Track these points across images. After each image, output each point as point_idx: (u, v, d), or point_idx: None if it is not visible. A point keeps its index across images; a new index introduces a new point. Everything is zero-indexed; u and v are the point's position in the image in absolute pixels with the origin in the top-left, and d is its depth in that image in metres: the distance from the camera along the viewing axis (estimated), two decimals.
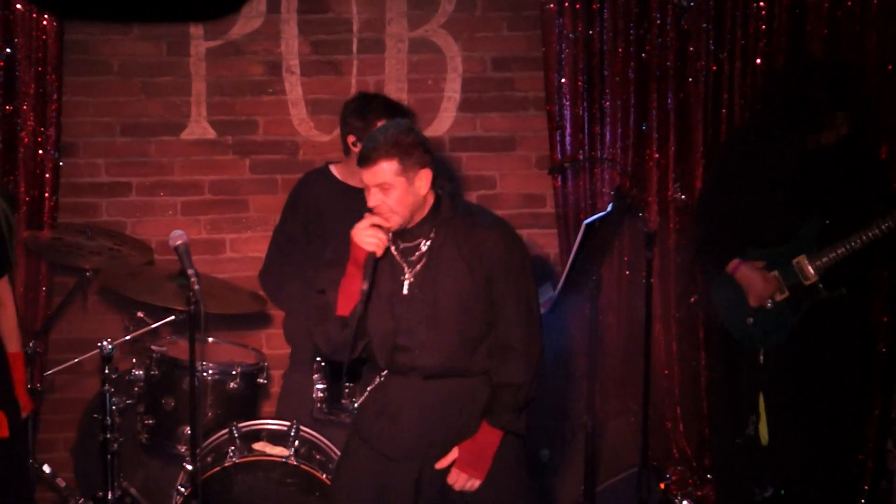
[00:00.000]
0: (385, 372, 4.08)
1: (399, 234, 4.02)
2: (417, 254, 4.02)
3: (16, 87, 5.63)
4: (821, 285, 5.11)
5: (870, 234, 5.01)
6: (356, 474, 4.10)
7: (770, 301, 5.20)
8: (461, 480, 4.01)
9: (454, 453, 4.02)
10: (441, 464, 4.03)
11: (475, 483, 4.01)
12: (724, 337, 5.39)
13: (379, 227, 3.94)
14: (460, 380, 4.03)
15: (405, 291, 4.01)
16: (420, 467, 4.04)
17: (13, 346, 4.62)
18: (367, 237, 3.93)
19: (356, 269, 3.96)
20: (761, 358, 5.22)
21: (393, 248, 4.03)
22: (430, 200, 4.02)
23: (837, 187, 5.13)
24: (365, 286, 3.92)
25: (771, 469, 5.23)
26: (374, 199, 3.94)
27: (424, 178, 3.95)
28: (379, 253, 3.94)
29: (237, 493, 4.73)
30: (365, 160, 3.93)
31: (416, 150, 3.93)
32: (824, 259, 5.09)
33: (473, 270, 3.98)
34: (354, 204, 5.15)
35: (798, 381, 5.18)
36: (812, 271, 5.11)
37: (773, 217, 5.19)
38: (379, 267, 3.99)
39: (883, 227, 4.98)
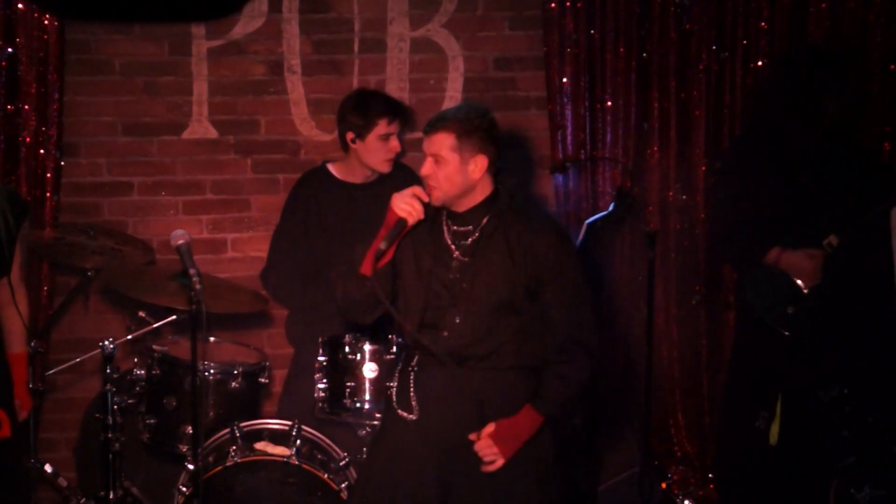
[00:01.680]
0: (416, 360, 4.11)
1: (452, 217, 4.05)
2: (471, 239, 4.04)
3: (17, 86, 5.63)
4: None
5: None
6: (391, 457, 4.12)
7: (806, 287, 5.15)
8: (489, 453, 3.99)
9: (490, 427, 4.00)
10: (474, 435, 4.01)
11: (500, 461, 3.99)
12: (755, 331, 5.28)
13: (419, 198, 3.96)
14: (489, 373, 4.02)
15: (449, 274, 4.04)
16: (444, 458, 4.05)
17: (17, 346, 4.62)
18: (403, 203, 3.96)
19: (381, 232, 4.00)
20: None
21: (446, 230, 4.06)
22: (487, 189, 4.04)
23: (853, 170, 5.09)
24: (383, 246, 3.95)
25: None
26: (426, 167, 4.00)
27: (479, 164, 3.98)
28: (410, 221, 3.97)
29: (239, 493, 4.73)
30: (427, 127, 4.01)
31: (477, 132, 3.97)
32: None
33: (518, 268, 4.00)
34: (353, 201, 5.19)
35: (842, 365, 5.12)
36: None
37: (793, 202, 5.14)
38: (422, 241, 4.04)
39: None
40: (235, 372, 5.00)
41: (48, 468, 5.25)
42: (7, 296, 4.56)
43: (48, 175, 5.68)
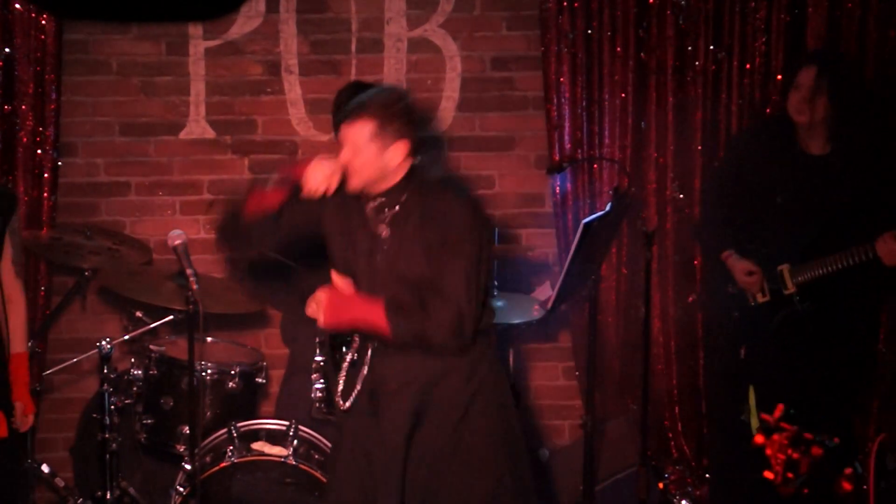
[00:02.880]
0: (355, 344, 4.02)
1: (371, 196, 3.96)
2: (390, 215, 3.93)
3: (14, 86, 5.63)
4: (797, 298, 5.14)
5: (850, 259, 5.03)
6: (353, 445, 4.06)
7: (753, 300, 5.23)
8: (313, 307, 3.94)
9: (338, 284, 3.95)
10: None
11: (319, 318, 3.93)
12: (721, 324, 5.48)
13: (328, 182, 3.88)
14: (410, 352, 3.93)
15: (366, 249, 3.94)
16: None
17: (17, 345, 4.56)
18: (318, 175, 3.88)
19: (283, 185, 3.92)
20: (742, 352, 5.30)
21: (368, 207, 3.96)
22: (405, 169, 3.94)
23: (832, 199, 5.13)
24: (266, 186, 3.90)
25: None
26: (344, 155, 3.89)
27: (399, 150, 3.89)
28: (304, 192, 3.89)
29: (236, 493, 4.73)
30: (345, 115, 3.90)
31: (398, 119, 3.87)
32: (804, 274, 5.13)
33: (431, 241, 3.88)
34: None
35: (777, 382, 5.22)
36: (791, 283, 5.16)
37: (768, 217, 5.22)
38: (344, 215, 3.97)
39: (863, 256, 5.00)
40: (232, 372, 5.01)
41: (45, 468, 5.26)
42: (4, 294, 4.52)
43: (45, 175, 5.68)
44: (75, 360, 5.29)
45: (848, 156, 5.12)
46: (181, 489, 4.76)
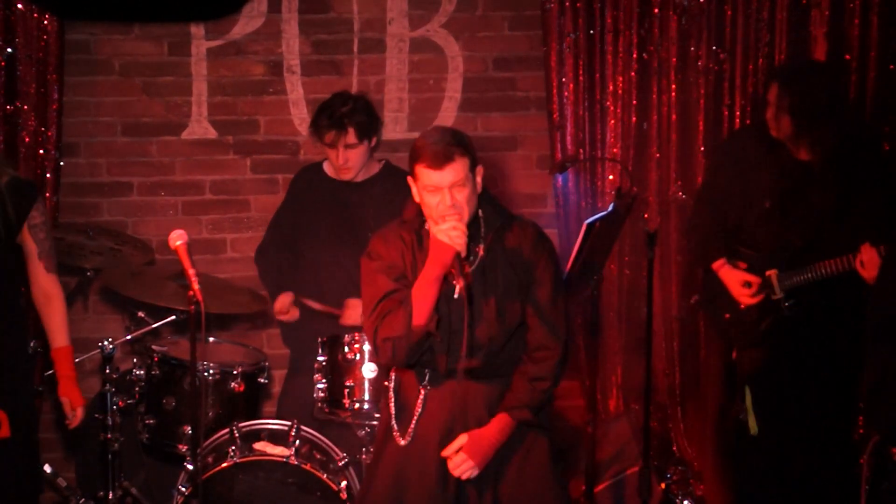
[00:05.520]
0: (427, 379, 4.02)
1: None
2: (475, 256, 3.96)
3: (17, 86, 5.63)
4: (785, 304, 5.14)
5: (835, 267, 5.01)
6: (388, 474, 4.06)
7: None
8: (465, 468, 3.95)
9: (463, 439, 3.97)
10: (446, 451, 3.98)
11: (474, 471, 3.96)
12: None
13: (459, 228, 3.82)
14: (495, 382, 4.02)
15: (455, 294, 3.93)
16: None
17: (59, 339, 4.59)
18: (456, 236, 3.79)
19: (435, 273, 3.83)
20: (733, 354, 5.34)
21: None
22: (478, 198, 3.98)
23: (819, 204, 5.12)
24: (460, 284, 3.84)
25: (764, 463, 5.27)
26: (449, 200, 3.83)
27: (480, 175, 3.94)
28: (463, 252, 3.83)
29: (238, 493, 4.73)
30: (442, 159, 3.81)
31: (473, 147, 3.91)
32: (791, 280, 5.12)
33: (518, 273, 3.97)
34: (341, 199, 5.25)
35: (770, 384, 5.23)
36: (779, 288, 5.15)
37: (756, 222, 5.21)
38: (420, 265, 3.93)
39: (847, 265, 4.97)
40: (234, 372, 5.01)
41: (47, 468, 5.26)
42: (39, 290, 4.56)
43: (47, 175, 5.68)
44: (77, 360, 5.27)
45: (831, 162, 5.11)
46: (183, 489, 4.76)
